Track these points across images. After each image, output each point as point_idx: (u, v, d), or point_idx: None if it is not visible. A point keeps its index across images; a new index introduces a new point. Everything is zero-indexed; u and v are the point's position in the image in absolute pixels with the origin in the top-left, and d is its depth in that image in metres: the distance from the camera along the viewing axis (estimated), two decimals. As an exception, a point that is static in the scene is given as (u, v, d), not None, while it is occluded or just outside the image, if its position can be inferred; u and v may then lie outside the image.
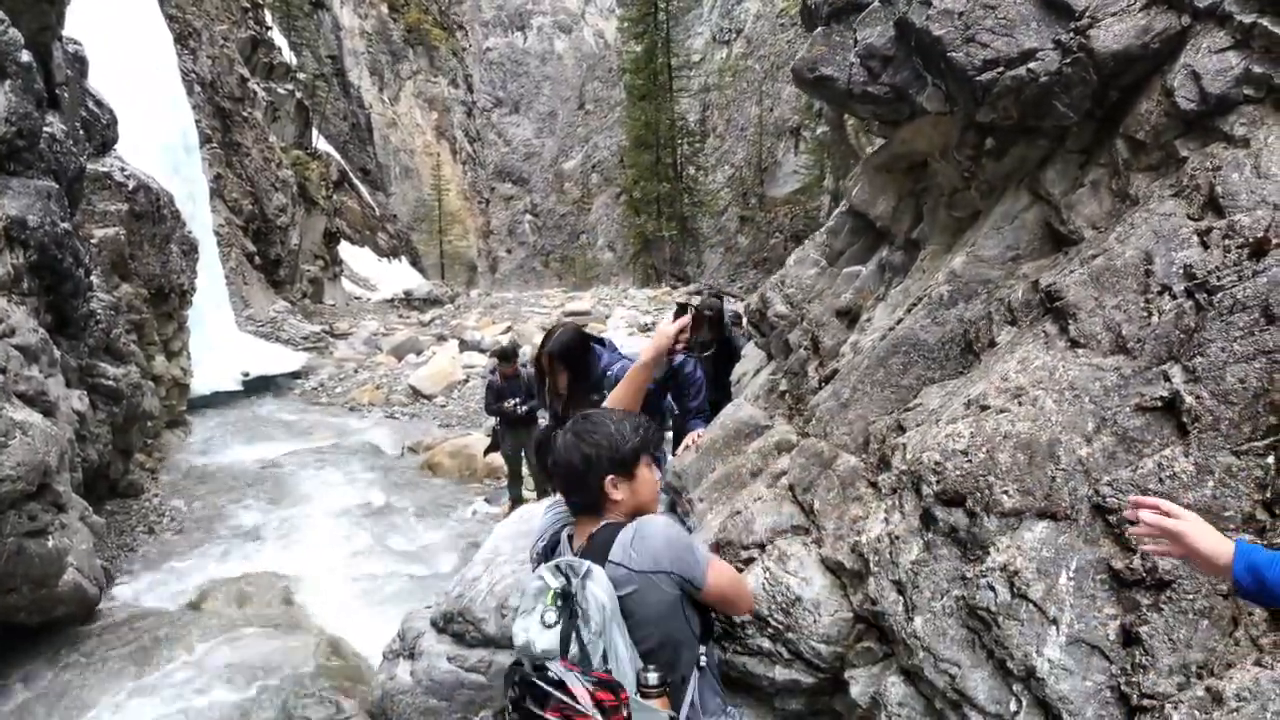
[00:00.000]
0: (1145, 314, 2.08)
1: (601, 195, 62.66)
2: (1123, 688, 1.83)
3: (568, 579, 2.09)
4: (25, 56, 7.26)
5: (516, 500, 9.31)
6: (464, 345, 21.53)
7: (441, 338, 23.80)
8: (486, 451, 10.21)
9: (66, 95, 9.36)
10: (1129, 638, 1.87)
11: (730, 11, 55.69)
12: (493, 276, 58.07)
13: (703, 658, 2.36)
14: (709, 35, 56.21)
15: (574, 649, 2.03)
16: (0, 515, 5.83)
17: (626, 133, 42.33)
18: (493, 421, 10.57)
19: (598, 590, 2.07)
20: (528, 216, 68.68)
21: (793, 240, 35.94)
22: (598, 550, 2.20)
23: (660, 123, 38.06)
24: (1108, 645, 1.88)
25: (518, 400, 9.12)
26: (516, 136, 71.35)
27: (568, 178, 68.49)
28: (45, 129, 7.81)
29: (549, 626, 2.05)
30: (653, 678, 2.10)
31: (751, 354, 4.40)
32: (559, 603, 2.06)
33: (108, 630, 6.75)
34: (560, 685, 1.95)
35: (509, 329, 24.15)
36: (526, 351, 11.74)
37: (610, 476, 2.21)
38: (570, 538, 2.34)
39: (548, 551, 2.33)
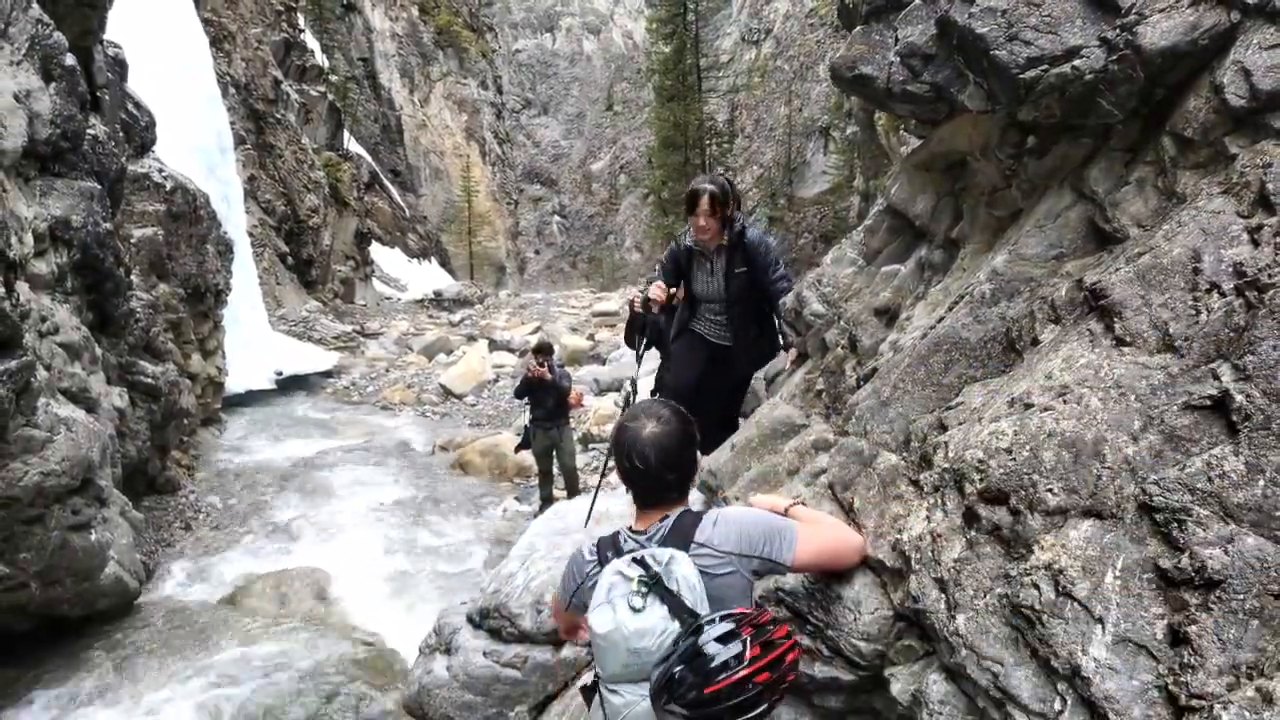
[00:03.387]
0: (1193, 312, 2.06)
1: (629, 196, 62.82)
2: (1170, 688, 1.82)
3: (646, 569, 2.06)
4: (69, 60, 7.42)
5: (547, 500, 9.37)
6: (493, 345, 21.69)
7: (471, 338, 24.00)
8: (517, 449, 10.29)
9: (108, 98, 9.55)
10: (1177, 637, 1.85)
11: (759, 12, 55.64)
12: (521, 277, 58.36)
13: None
14: (738, 35, 56.19)
15: (688, 619, 1.99)
16: (45, 509, 5.98)
17: (655, 133, 42.32)
18: (523, 420, 10.65)
19: (686, 571, 2.06)
20: (556, 217, 69.00)
21: (821, 241, 35.82)
22: (681, 534, 2.21)
23: (689, 123, 37.98)
24: (1155, 645, 1.87)
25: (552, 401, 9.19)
26: (545, 138, 71.70)
27: (595, 179, 68.71)
28: (88, 131, 7.97)
29: (638, 611, 1.99)
30: None
31: (785, 354, 4.40)
32: (645, 588, 2.02)
33: (147, 623, 6.90)
34: (731, 635, 1.93)
35: (538, 329, 24.30)
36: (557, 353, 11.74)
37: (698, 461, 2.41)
38: (630, 530, 2.33)
39: (605, 551, 2.30)
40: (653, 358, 5.32)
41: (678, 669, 1.91)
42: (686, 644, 1.93)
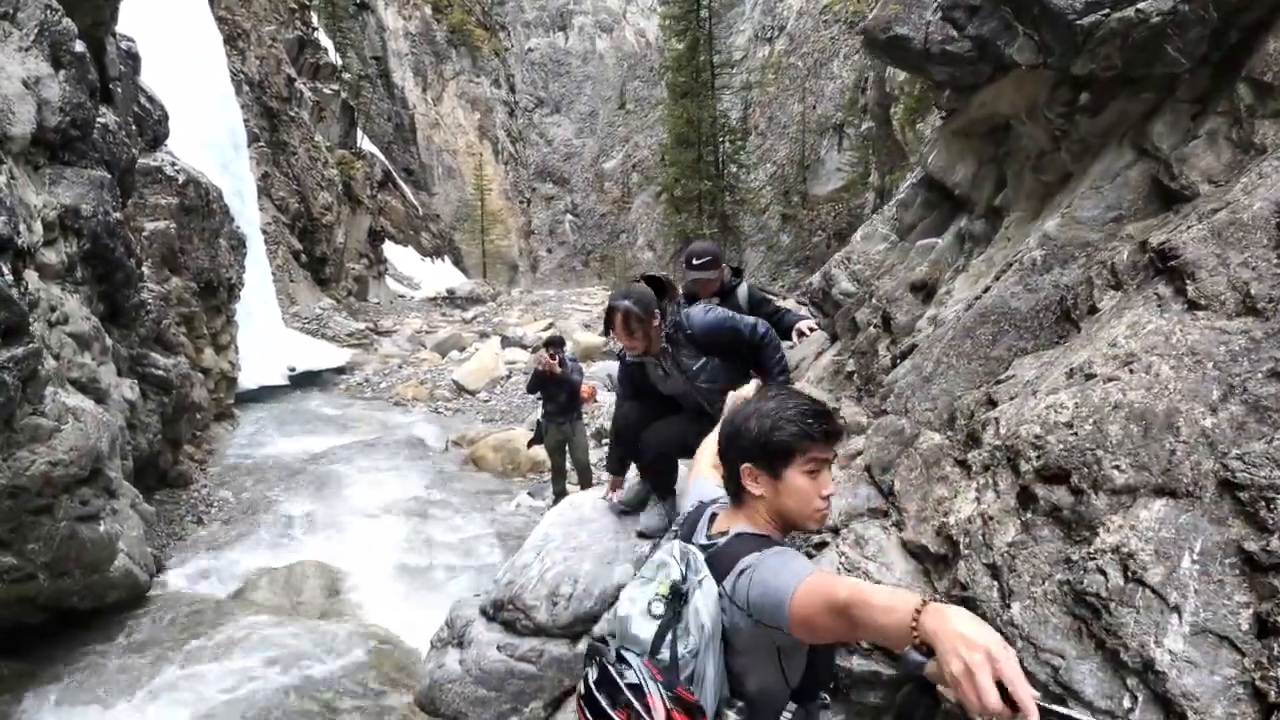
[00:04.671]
0: (1278, 271, 1.88)
1: (641, 194, 62.75)
2: (1257, 683, 1.64)
3: (684, 575, 1.90)
4: (79, 47, 7.31)
5: (560, 495, 9.22)
6: (506, 342, 21.59)
7: (484, 335, 23.93)
8: (529, 444, 10.15)
9: (120, 90, 9.46)
10: (1265, 627, 1.67)
11: (773, 9, 55.44)
12: (533, 275, 58.32)
13: (787, 714, 2.03)
14: (751, 32, 55.99)
15: (665, 654, 1.85)
16: (53, 499, 5.86)
17: (668, 130, 42.11)
18: (536, 415, 10.51)
19: (702, 607, 1.87)
20: (568, 216, 68.99)
21: (836, 238, 35.60)
22: (723, 561, 1.93)
23: (702, 120, 37.77)
24: (1239, 636, 1.69)
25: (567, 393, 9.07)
26: (558, 136, 71.69)
27: (608, 177, 68.66)
28: (98, 120, 7.87)
29: (654, 617, 1.88)
30: (732, 715, 1.92)
31: (814, 338, 4.22)
32: (669, 597, 1.89)
33: (157, 616, 6.78)
34: (638, 690, 1.80)
35: (550, 325, 24.18)
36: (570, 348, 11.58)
37: (747, 465, 1.93)
38: (713, 518, 2.08)
39: (689, 525, 2.11)
40: None
41: (593, 680, 1.88)
42: (613, 665, 1.87)
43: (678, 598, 1.89)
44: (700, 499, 2.17)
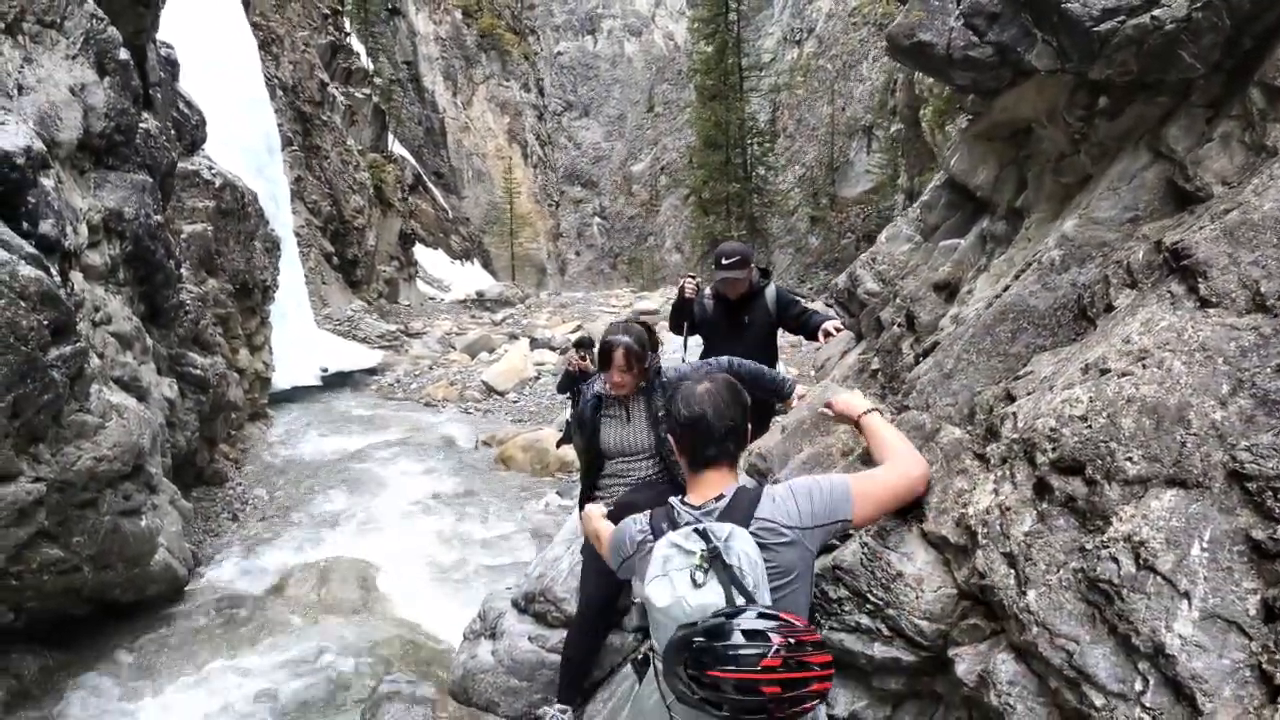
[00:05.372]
0: (1287, 269, 1.94)
1: (670, 197, 62.70)
2: (1264, 666, 1.70)
3: (707, 541, 2.02)
4: (123, 54, 7.53)
5: (589, 493, 9.31)
6: (535, 343, 21.76)
7: (513, 336, 24.13)
8: (558, 444, 10.26)
9: (160, 96, 9.70)
10: (1271, 613, 1.73)
11: (802, 11, 55.28)
12: (562, 278, 58.57)
13: None
14: (780, 35, 55.86)
15: (740, 599, 1.94)
16: (98, 493, 6.05)
17: (696, 133, 42.18)
18: (564, 415, 10.62)
19: (746, 547, 2.02)
20: (596, 219, 69.08)
21: (865, 240, 35.44)
22: (740, 510, 2.17)
23: (730, 123, 37.77)
24: (1247, 621, 1.75)
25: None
26: (586, 139, 71.79)
27: (636, 180, 68.67)
28: (140, 125, 8.09)
29: (699, 586, 1.95)
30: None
31: (840, 337, 4.29)
32: (706, 563, 1.98)
33: (196, 610, 6.96)
34: (768, 622, 1.88)
35: (578, 327, 24.31)
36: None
37: (749, 430, 2.33)
38: (683, 502, 2.28)
39: (668, 522, 2.24)
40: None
41: (698, 639, 1.88)
42: (718, 619, 1.89)
43: (715, 558, 2.00)
44: (640, 522, 2.37)
